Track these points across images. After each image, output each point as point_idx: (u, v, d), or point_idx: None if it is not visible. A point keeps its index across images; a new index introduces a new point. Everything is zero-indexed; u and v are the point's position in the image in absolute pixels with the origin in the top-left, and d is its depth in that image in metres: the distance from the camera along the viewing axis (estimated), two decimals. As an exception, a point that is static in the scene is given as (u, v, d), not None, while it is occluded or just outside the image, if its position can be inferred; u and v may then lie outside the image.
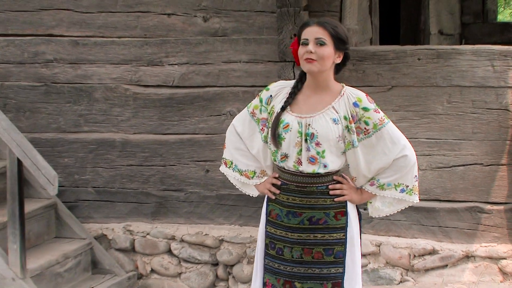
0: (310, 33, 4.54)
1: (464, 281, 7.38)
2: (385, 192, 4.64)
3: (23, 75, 8.38)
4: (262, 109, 4.73)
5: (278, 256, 4.65)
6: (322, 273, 4.59)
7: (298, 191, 4.61)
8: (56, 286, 7.68)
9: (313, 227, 4.58)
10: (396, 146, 4.57)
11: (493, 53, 7.33)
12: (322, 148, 4.52)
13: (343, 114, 4.54)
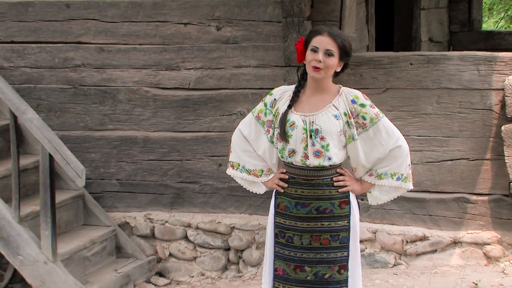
0: (321, 42, 4.53)
1: (451, 264, 7.40)
2: (383, 181, 4.65)
3: (54, 79, 8.41)
4: (267, 112, 4.73)
5: (288, 244, 4.65)
6: (329, 257, 4.59)
7: (305, 183, 4.62)
8: (84, 269, 7.72)
9: (320, 216, 4.59)
10: (391, 137, 4.60)
11: (478, 59, 7.35)
12: (326, 142, 4.53)
13: (343, 111, 4.56)
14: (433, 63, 7.46)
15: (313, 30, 4.76)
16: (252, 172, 4.81)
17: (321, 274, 4.60)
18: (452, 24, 10.57)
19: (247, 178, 4.86)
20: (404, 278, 7.21)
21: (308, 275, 4.61)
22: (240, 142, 4.84)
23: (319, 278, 4.59)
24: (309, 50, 4.56)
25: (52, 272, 7.33)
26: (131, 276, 7.94)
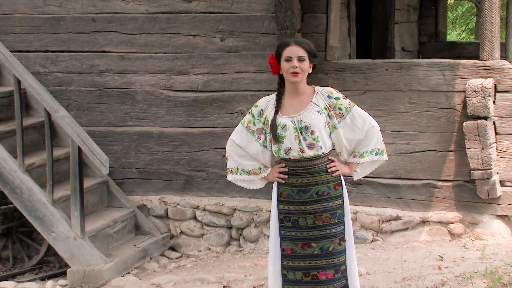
0: (292, 51, 4.55)
1: (421, 240, 7.41)
2: (365, 159, 4.67)
3: (82, 82, 8.41)
4: (256, 121, 4.70)
5: (294, 226, 4.62)
6: (331, 232, 4.59)
7: (304, 173, 4.61)
8: (108, 244, 7.74)
9: (320, 198, 4.59)
10: (364, 120, 4.63)
11: (443, 65, 7.35)
12: (316, 135, 4.54)
13: (323, 106, 4.57)
14: (405, 69, 7.47)
15: (280, 44, 4.71)
16: (252, 172, 4.77)
17: (326, 247, 4.60)
18: (421, 36, 10.57)
19: (246, 179, 4.79)
20: (380, 252, 7.23)
21: (315, 250, 4.60)
22: (235, 150, 4.79)
23: (325, 250, 4.60)
24: (283, 61, 4.56)
25: (81, 247, 7.36)
26: (148, 251, 7.96)
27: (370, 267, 6.72)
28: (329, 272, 4.61)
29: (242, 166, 4.78)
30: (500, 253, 6.76)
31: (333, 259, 4.62)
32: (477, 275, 6.22)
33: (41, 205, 7.48)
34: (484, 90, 7.07)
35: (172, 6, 8.09)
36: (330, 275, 4.61)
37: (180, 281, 6.98)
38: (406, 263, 6.70)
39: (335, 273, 4.62)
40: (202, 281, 6.90)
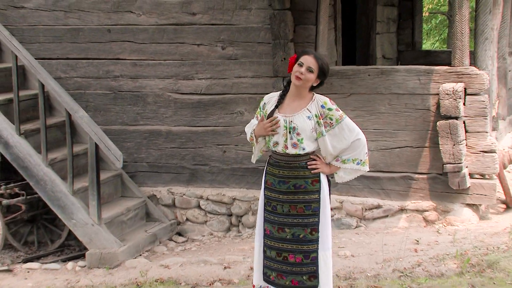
0: (306, 60, 4.55)
1: (399, 226, 7.42)
2: (346, 165, 4.65)
3: (99, 86, 8.41)
4: (261, 113, 4.75)
5: (273, 211, 4.66)
6: (303, 222, 4.59)
7: (286, 166, 4.63)
8: (122, 230, 7.75)
9: (297, 191, 4.60)
10: (352, 133, 4.61)
11: (419, 71, 7.36)
12: (301, 137, 4.55)
13: (314, 113, 4.56)
14: (386, 75, 7.47)
15: (304, 50, 4.70)
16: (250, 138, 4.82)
17: (297, 234, 4.61)
18: (399, 45, 10.58)
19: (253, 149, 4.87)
20: (363, 236, 7.24)
21: (288, 235, 4.62)
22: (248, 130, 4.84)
23: (296, 237, 4.61)
24: (297, 64, 4.57)
25: (98, 232, 7.37)
26: (157, 235, 7.97)
27: (354, 250, 6.73)
28: (298, 256, 4.61)
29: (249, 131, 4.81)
30: (469, 237, 6.77)
31: (303, 246, 4.62)
32: (449, 257, 6.23)
33: (62, 195, 7.48)
34: (455, 93, 7.08)
35: (178, 18, 8.09)
36: (298, 259, 4.62)
37: (186, 263, 6.98)
38: (386, 247, 6.71)
39: (303, 258, 4.61)
40: (206, 263, 6.91)
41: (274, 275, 4.69)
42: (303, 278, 4.61)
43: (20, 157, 7.60)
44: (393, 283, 5.75)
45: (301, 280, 4.62)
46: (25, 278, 7.19)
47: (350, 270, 6.14)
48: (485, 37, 7.71)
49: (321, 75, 4.59)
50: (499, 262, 5.85)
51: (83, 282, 6.85)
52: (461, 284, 5.50)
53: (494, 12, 8.17)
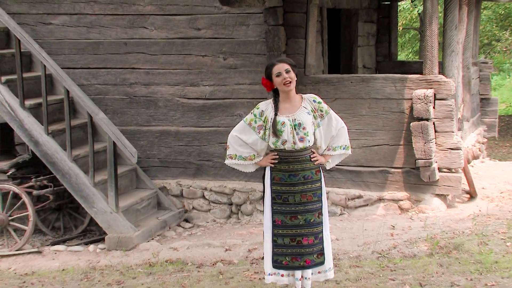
0: (279, 68, 4.56)
1: (378, 214, 7.42)
2: (336, 152, 4.70)
3: (116, 92, 8.39)
4: (257, 120, 4.67)
5: (284, 203, 4.62)
6: (313, 208, 4.61)
7: (295, 161, 4.61)
8: (136, 217, 7.73)
9: (306, 181, 4.60)
10: (338, 121, 4.68)
11: (395, 79, 7.36)
12: (307, 130, 4.56)
13: (310, 108, 4.60)
14: (366, 82, 7.46)
15: (268, 66, 4.68)
16: (247, 158, 4.73)
17: (309, 219, 4.61)
18: (378, 56, 10.55)
19: (242, 163, 4.74)
20: (347, 223, 7.24)
21: (300, 221, 4.61)
22: (236, 141, 4.73)
23: (308, 222, 4.61)
24: (275, 77, 4.57)
25: (116, 219, 7.36)
26: (167, 222, 7.96)
27: (338, 234, 6.73)
28: (310, 238, 4.62)
29: (240, 153, 4.74)
30: (438, 223, 6.78)
31: (313, 229, 4.63)
32: (421, 240, 6.24)
33: (85, 187, 7.47)
34: (426, 98, 7.08)
35: (185, 33, 8.07)
36: (311, 241, 4.62)
37: (192, 246, 6.98)
38: (366, 231, 6.71)
39: (314, 239, 4.63)
40: (209, 245, 6.90)
41: (288, 260, 4.63)
42: (313, 257, 4.64)
43: (48, 154, 7.59)
44: (372, 263, 5.75)
45: (312, 259, 4.63)
46: (53, 258, 7.19)
47: (335, 252, 6.14)
48: (452, 50, 7.72)
49: (294, 69, 4.62)
50: (463, 245, 5.86)
51: (103, 262, 6.85)
52: (431, 263, 5.51)
53: (460, 28, 8.19)
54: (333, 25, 9.29)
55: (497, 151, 12.24)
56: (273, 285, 5.03)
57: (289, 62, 4.63)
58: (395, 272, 5.41)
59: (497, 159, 10.83)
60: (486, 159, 10.40)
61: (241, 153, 4.74)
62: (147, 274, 6.18)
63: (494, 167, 9.66)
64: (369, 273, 5.42)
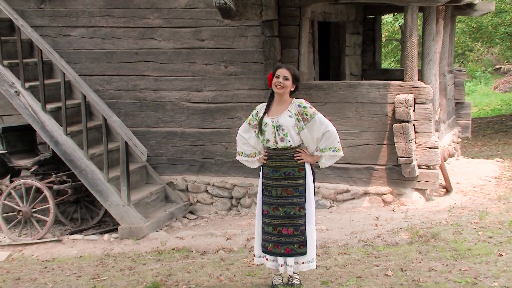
0: (281, 72, 4.60)
1: (363, 206, 7.41)
2: (325, 153, 4.63)
3: (128, 97, 8.36)
4: (253, 120, 4.73)
5: (269, 195, 4.66)
6: (293, 201, 4.61)
7: (277, 158, 4.64)
8: (146, 209, 7.71)
9: (286, 177, 4.61)
10: (322, 125, 4.59)
11: (379, 85, 7.36)
12: (285, 132, 4.57)
13: (294, 112, 4.59)
14: (353, 88, 7.46)
15: (276, 66, 4.77)
16: (250, 155, 4.79)
17: (288, 212, 4.61)
18: (363, 64, 10.56)
19: (247, 160, 4.81)
20: (336, 214, 7.23)
21: (281, 212, 4.62)
22: (241, 139, 4.80)
23: (287, 214, 4.61)
24: (274, 77, 4.62)
25: (127, 211, 7.35)
26: (174, 214, 7.94)
27: (328, 225, 6.73)
28: (289, 229, 4.62)
29: (244, 151, 4.81)
30: (417, 214, 6.78)
31: (293, 221, 4.62)
32: (402, 230, 6.24)
33: (100, 182, 7.46)
34: (407, 102, 7.08)
35: (190, 43, 8.06)
36: (290, 232, 4.62)
37: (196, 235, 6.97)
38: (353, 222, 6.71)
39: (294, 230, 4.62)
40: (212, 235, 6.89)
41: (271, 246, 4.67)
42: (294, 247, 4.62)
43: (67, 152, 7.57)
44: (359, 251, 5.74)
45: (293, 248, 4.62)
46: (71, 246, 7.19)
47: (325, 240, 6.14)
48: (430, 59, 7.72)
49: (295, 81, 4.63)
50: (440, 234, 5.86)
51: (116, 250, 6.84)
52: (411, 251, 5.50)
53: (437, 39, 8.19)
54: (323, 37, 9.29)
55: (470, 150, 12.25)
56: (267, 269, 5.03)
57: (293, 72, 4.62)
58: (379, 258, 5.41)
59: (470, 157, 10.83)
60: (460, 157, 10.40)
61: (245, 151, 4.81)
62: (156, 261, 6.18)
63: (467, 164, 9.66)
64: (356, 260, 5.42)
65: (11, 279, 5.89)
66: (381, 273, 4.91)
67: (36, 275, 5.98)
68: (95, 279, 5.67)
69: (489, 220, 6.22)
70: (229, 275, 5.29)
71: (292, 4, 7.58)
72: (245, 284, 4.97)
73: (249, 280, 5.10)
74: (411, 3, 7.14)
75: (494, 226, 6.03)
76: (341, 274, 5.00)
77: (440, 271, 4.83)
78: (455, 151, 10.12)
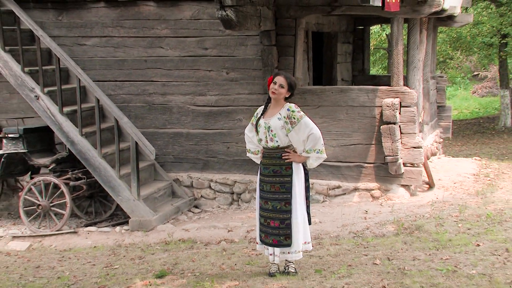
0: (278, 79, 4.61)
1: (353, 201, 7.41)
2: (310, 154, 4.62)
3: (138, 100, 8.34)
4: (254, 120, 4.75)
5: (262, 190, 4.69)
6: (279, 197, 4.61)
7: (268, 156, 4.67)
8: (154, 204, 7.68)
9: (274, 174, 4.63)
10: (307, 128, 4.56)
11: (368, 90, 7.36)
12: (274, 133, 4.59)
13: (283, 115, 4.58)
14: (344, 92, 7.46)
15: (276, 73, 4.75)
16: (254, 153, 4.81)
17: (275, 206, 4.63)
18: (353, 71, 10.55)
19: (253, 157, 4.84)
20: (328, 208, 7.23)
21: (269, 206, 4.65)
22: (247, 138, 4.83)
23: (274, 208, 4.63)
24: (272, 82, 4.63)
25: (137, 205, 7.34)
26: (180, 208, 7.92)
27: (321, 218, 6.73)
28: (276, 222, 4.63)
29: (250, 148, 4.84)
30: (403, 208, 6.78)
31: (279, 215, 4.63)
32: (389, 222, 6.23)
33: (112, 179, 7.45)
34: (393, 105, 7.09)
35: (195, 52, 8.05)
36: (276, 224, 4.63)
37: (200, 227, 6.97)
38: (344, 215, 6.71)
39: (280, 223, 4.62)
40: (215, 227, 6.89)
41: (263, 236, 4.73)
42: (280, 238, 4.63)
43: (82, 151, 7.56)
44: (349, 242, 5.74)
45: (279, 240, 4.63)
46: (86, 237, 7.17)
47: (318, 232, 6.14)
48: (414, 66, 7.72)
49: (290, 89, 4.64)
50: (423, 226, 5.86)
51: (127, 241, 6.83)
52: (397, 241, 5.50)
53: (420, 48, 8.19)
54: (317, 46, 9.28)
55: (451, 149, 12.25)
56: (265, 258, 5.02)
57: (289, 81, 4.62)
58: (368, 248, 5.40)
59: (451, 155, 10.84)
60: (442, 155, 10.41)
61: (251, 148, 4.86)
62: (163, 251, 6.17)
63: (448, 162, 9.66)
64: (347, 250, 5.41)
65: (32, 267, 5.89)
66: (369, 262, 4.90)
67: (55, 264, 5.98)
68: (108, 267, 5.67)
69: (468, 213, 6.22)
70: (231, 264, 5.29)
71: (288, 16, 7.58)
72: (245, 272, 4.97)
73: (249, 268, 5.10)
74: (397, 15, 7.13)
75: (473, 218, 6.03)
76: (333, 262, 5.00)
77: (423, 260, 4.83)
78: (437, 150, 10.12)
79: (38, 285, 5.22)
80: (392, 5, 6.55)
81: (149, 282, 4.92)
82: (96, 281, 5.17)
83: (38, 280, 5.36)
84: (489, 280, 4.22)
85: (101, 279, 5.24)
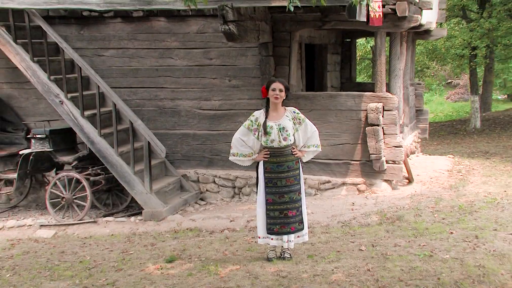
0: (276, 85, 4.62)
1: (341, 194, 7.41)
2: (309, 149, 4.72)
3: (150, 105, 8.31)
4: (253, 124, 4.69)
5: (275, 185, 4.64)
6: (294, 189, 4.64)
7: (281, 155, 4.64)
8: (165, 197, 7.65)
9: (289, 169, 4.63)
10: (312, 127, 4.72)
11: (354, 95, 7.35)
12: (288, 132, 4.60)
13: (291, 117, 4.64)
14: (333, 98, 7.45)
15: (270, 80, 4.73)
16: (247, 155, 4.74)
17: (292, 197, 4.65)
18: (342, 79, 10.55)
19: (242, 159, 4.74)
20: (319, 201, 7.22)
21: (287, 199, 4.65)
22: (239, 142, 4.73)
23: (291, 199, 4.65)
24: (270, 90, 4.63)
25: (150, 198, 7.32)
26: (187, 200, 7.90)
27: (313, 209, 6.72)
28: (293, 211, 4.67)
29: (241, 152, 4.76)
30: (385, 201, 6.78)
31: (295, 204, 4.67)
32: (373, 213, 6.23)
33: (127, 174, 7.43)
34: (377, 109, 7.08)
35: (201, 61, 8.03)
36: (293, 213, 4.67)
37: (206, 218, 6.96)
38: (333, 207, 6.71)
39: (296, 211, 4.67)
40: (218, 217, 6.88)
41: (278, 227, 4.67)
42: (296, 225, 4.69)
43: (101, 150, 7.54)
44: (338, 230, 5.74)
45: (295, 226, 4.69)
46: (104, 226, 7.16)
47: (310, 222, 6.13)
48: (395, 74, 7.72)
49: (286, 91, 4.68)
50: (404, 216, 5.85)
51: (140, 230, 6.82)
52: (380, 230, 5.50)
53: (401, 59, 8.19)
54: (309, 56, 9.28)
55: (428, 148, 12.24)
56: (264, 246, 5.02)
57: (285, 85, 4.67)
58: (354, 236, 5.40)
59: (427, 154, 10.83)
60: (420, 154, 10.40)
61: (242, 152, 4.76)
62: (173, 238, 6.16)
63: (425, 160, 9.66)
64: (335, 237, 5.41)
65: (57, 252, 5.89)
66: (356, 248, 4.90)
67: (77, 249, 5.97)
68: (124, 253, 5.66)
69: (442, 205, 6.22)
70: (233, 250, 5.29)
71: (284, 30, 7.58)
72: (245, 258, 4.97)
73: (249, 254, 5.10)
74: (380, 29, 7.13)
75: (447, 209, 6.03)
76: (323, 249, 5.00)
77: (403, 246, 4.83)
78: (415, 149, 10.11)
79: (63, 268, 5.22)
80: (375, 20, 6.59)
81: (160, 266, 4.92)
82: (114, 265, 5.17)
83: (63, 264, 5.36)
84: (461, 264, 4.23)
85: (118, 263, 5.24)
